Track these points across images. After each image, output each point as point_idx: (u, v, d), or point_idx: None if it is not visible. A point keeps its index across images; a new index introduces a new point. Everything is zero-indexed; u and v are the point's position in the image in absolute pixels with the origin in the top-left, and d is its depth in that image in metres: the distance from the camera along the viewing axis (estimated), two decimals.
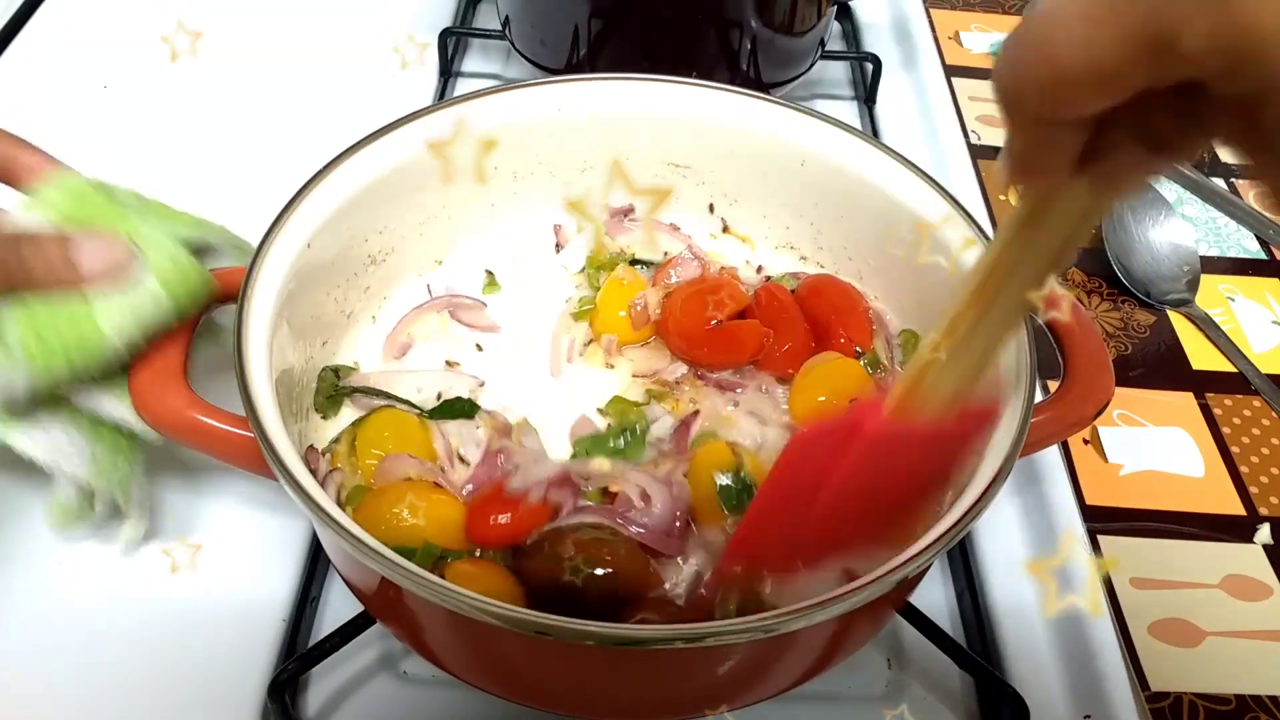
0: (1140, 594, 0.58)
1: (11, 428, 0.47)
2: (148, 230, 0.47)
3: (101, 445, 0.50)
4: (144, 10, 0.93)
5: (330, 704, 0.51)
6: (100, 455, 0.49)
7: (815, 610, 0.37)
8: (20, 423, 0.47)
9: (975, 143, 0.90)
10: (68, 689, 0.50)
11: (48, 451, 0.48)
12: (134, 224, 0.47)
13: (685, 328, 0.58)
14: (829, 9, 0.83)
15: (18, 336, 0.44)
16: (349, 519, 0.40)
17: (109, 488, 0.50)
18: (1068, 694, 0.52)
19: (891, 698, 0.53)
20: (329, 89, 0.86)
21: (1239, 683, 0.55)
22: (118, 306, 0.45)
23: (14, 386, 0.44)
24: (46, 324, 0.44)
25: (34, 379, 0.45)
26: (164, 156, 0.76)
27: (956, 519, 0.40)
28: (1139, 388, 0.70)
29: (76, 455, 0.48)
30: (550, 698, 0.46)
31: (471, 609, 0.37)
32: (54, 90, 0.85)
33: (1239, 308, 0.76)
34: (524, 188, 0.63)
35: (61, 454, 0.48)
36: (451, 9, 0.95)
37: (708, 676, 0.44)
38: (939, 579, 0.58)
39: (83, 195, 0.47)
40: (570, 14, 0.78)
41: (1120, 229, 0.78)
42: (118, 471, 0.50)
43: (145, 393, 0.47)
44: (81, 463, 0.48)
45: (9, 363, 0.44)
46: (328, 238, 0.53)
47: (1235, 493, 0.64)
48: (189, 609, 0.53)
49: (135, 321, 0.46)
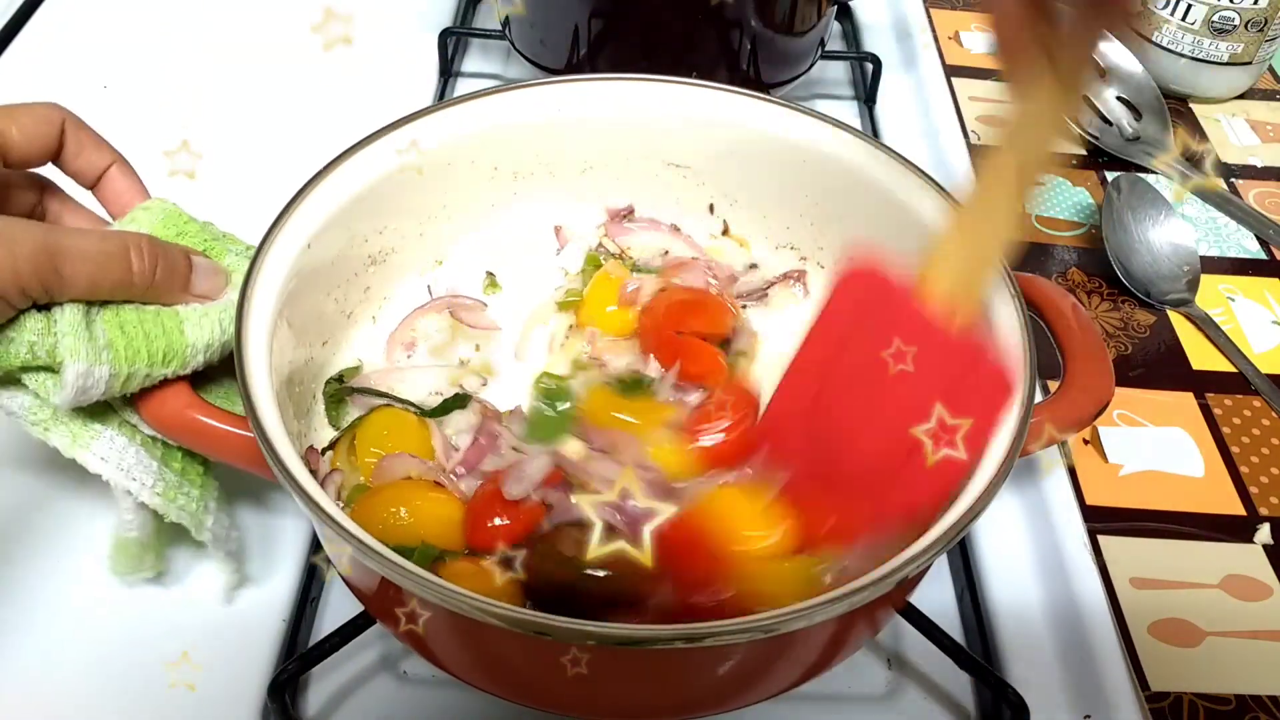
0: (1140, 594, 0.58)
1: (80, 444, 0.47)
2: (231, 259, 0.51)
3: (171, 470, 0.50)
4: (144, 10, 0.93)
5: (330, 704, 0.51)
6: (169, 478, 0.49)
7: (815, 610, 0.37)
8: (90, 439, 0.47)
9: (975, 143, 0.90)
10: (68, 689, 0.50)
11: (115, 469, 0.47)
12: (221, 250, 0.50)
13: (658, 324, 0.57)
14: (829, 9, 0.83)
15: (106, 335, 0.44)
16: (349, 519, 0.40)
17: (177, 516, 0.49)
18: (1068, 694, 0.52)
19: (891, 698, 0.53)
20: (329, 89, 0.86)
21: (1239, 683, 0.55)
22: (208, 320, 0.47)
23: (94, 386, 0.44)
24: (135, 327, 0.45)
25: (114, 380, 0.45)
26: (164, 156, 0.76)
27: (956, 519, 0.41)
28: (1139, 388, 0.70)
29: (145, 475, 0.48)
30: (550, 698, 0.46)
31: (471, 609, 0.37)
32: (54, 90, 0.85)
33: (1239, 308, 0.76)
34: (524, 188, 0.63)
35: (128, 473, 0.47)
36: (451, 9, 0.95)
37: (708, 676, 0.44)
38: (939, 579, 0.58)
39: (173, 219, 0.50)
40: (570, 14, 0.78)
41: (1120, 229, 0.78)
42: (189, 500, 0.50)
43: (145, 392, 0.47)
44: (148, 483, 0.48)
45: (95, 360, 0.44)
46: (328, 238, 0.53)
47: (1235, 493, 0.64)
48: (190, 609, 0.53)
49: (221, 336, 0.48)
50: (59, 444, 0.47)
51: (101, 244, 0.44)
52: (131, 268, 0.45)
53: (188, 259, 0.48)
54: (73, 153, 0.49)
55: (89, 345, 0.43)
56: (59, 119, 0.49)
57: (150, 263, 0.46)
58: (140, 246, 0.45)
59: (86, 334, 0.44)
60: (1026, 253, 0.79)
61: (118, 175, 0.50)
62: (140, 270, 0.45)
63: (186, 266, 0.48)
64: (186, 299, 0.48)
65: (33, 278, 0.41)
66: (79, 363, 0.43)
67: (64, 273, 0.42)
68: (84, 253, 0.43)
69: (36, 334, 0.43)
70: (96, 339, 0.44)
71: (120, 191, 0.50)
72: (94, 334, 0.44)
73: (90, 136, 0.50)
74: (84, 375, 0.43)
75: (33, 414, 0.47)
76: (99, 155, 0.50)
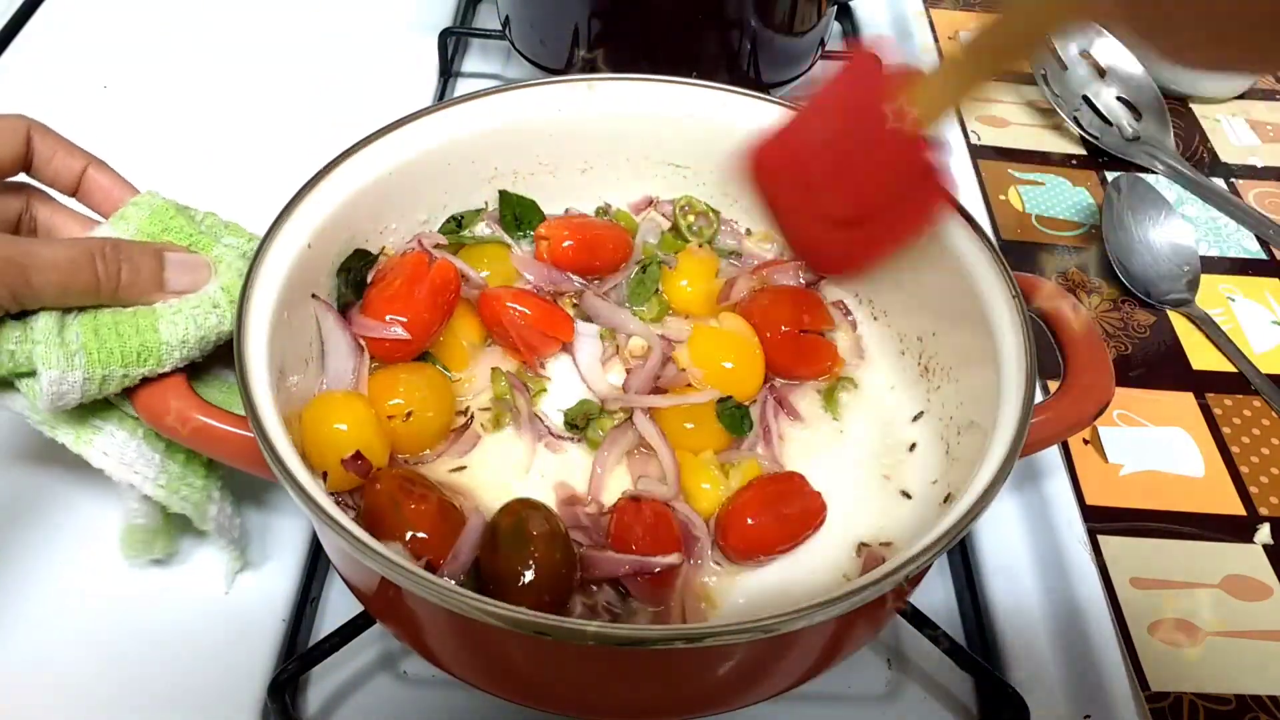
0: (1140, 594, 0.58)
1: (83, 441, 0.47)
2: (220, 249, 0.50)
3: (174, 462, 0.50)
4: (144, 10, 0.93)
5: (330, 704, 0.51)
6: (172, 471, 0.49)
7: (815, 610, 0.37)
8: (92, 435, 0.48)
9: (975, 143, 0.90)
10: (68, 688, 0.50)
11: (118, 463, 0.48)
12: (208, 243, 0.50)
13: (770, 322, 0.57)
14: (829, 9, 0.83)
15: (79, 340, 0.44)
16: (348, 519, 0.40)
17: (181, 506, 0.49)
18: (1068, 694, 0.52)
19: (891, 698, 0.53)
20: (329, 89, 0.86)
21: (1239, 683, 0.55)
22: (181, 316, 0.47)
23: (69, 391, 0.44)
24: (109, 327, 0.45)
25: (89, 384, 0.45)
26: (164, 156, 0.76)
27: (957, 519, 0.41)
28: (1139, 388, 0.70)
29: (147, 468, 0.48)
30: (550, 698, 0.46)
31: (471, 609, 0.37)
32: (54, 90, 0.85)
33: (1239, 308, 0.76)
34: (524, 187, 0.63)
35: (131, 466, 0.48)
36: (451, 9, 0.95)
37: (708, 676, 0.44)
38: (939, 579, 0.58)
39: (162, 214, 0.49)
40: (570, 14, 0.78)
41: (1120, 229, 0.78)
42: (191, 490, 0.50)
43: (146, 392, 0.47)
44: (150, 476, 0.48)
45: (66, 365, 0.44)
46: (328, 237, 0.53)
47: (1235, 493, 0.64)
48: (190, 609, 0.53)
49: (195, 331, 0.47)
50: (64, 440, 0.47)
51: (67, 251, 0.44)
52: (97, 273, 0.45)
53: (158, 257, 0.47)
54: (44, 159, 0.49)
55: (60, 352, 0.44)
56: (24, 127, 0.48)
57: (113, 267, 0.45)
58: (104, 252, 0.45)
59: (59, 340, 0.44)
60: (1026, 253, 0.80)
61: (97, 176, 0.50)
62: (105, 274, 0.45)
63: (156, 265, 0.47)
64: (164, 296, 0.47)
65: (2, 289, 0.42)
66: (51, 370, 0.43)
67: (34, 283, 0.43)
68: (52, 262, 0.43)
69: (15, 342, 0.44)
70: (69, 344, 0.44)
71: (105, 189, 0.50)
72: (66, 340, 0.44)
73: (60, 141, 0.50)
74: (57, 381, 0.44)
75: (35, 414, 0.47)
76: (71, 159, 0.50)
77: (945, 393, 0.54)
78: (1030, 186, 0.86)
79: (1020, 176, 0.86)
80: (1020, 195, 0.85)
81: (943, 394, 0.55)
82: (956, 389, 0.53)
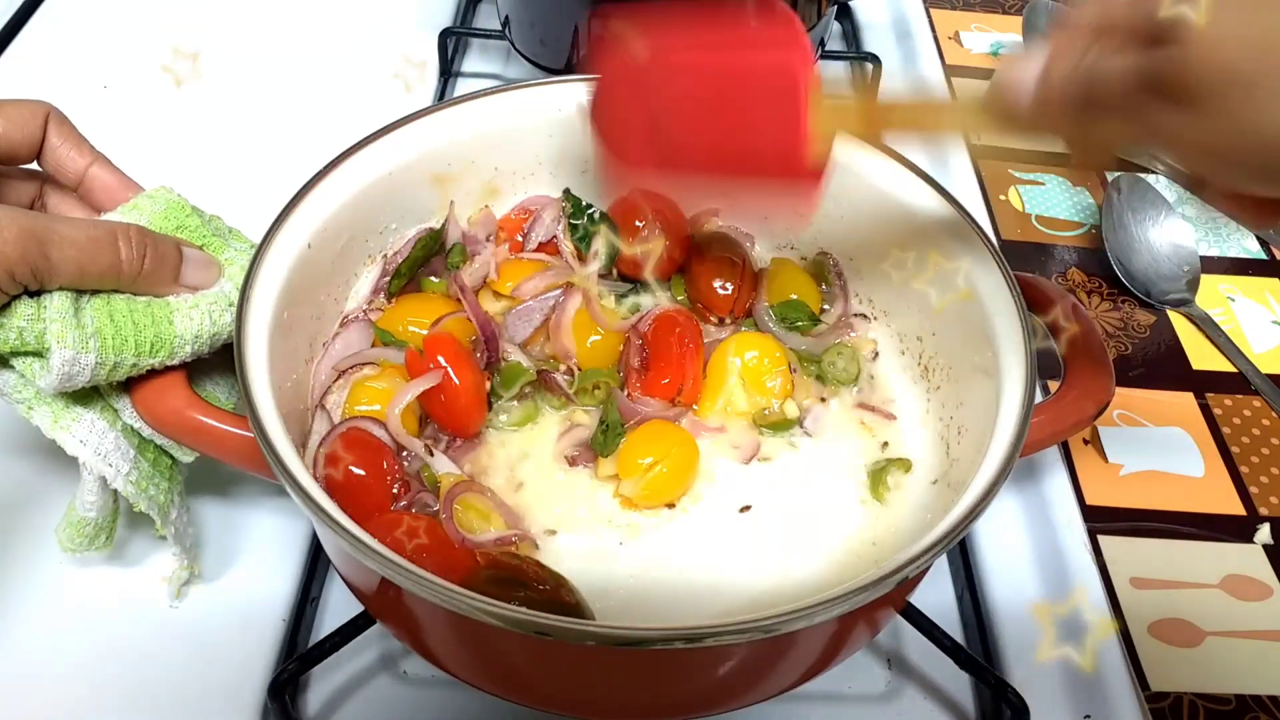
0: (1140, 594, 0.58)
1: (60, 426, 0.47)
2: (231, 253, 0.50)
3: (144, 460, 0.50)
4: (144, 10, 0.93)
5: (330, 704, 0.51)
6: (143, 469, 0.49)
7: (815, 610, 0.37)
8: (71, 422, 0.47)
9: (975, 143, 0.90)
10: (69, 689, 0.50)
11: (94, 453, 0.47)
12: (219, 245, 0.50)
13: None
14: (829, 9, 0.83)
15: (94, 323, 0.44)
16: (348, 519, 0.40)
17: (146, 506, 0.49)
18: (1068, 694, 0.52)
19: (891, 698, 0.53)
20: (329, 89, 0.86)
21: (1239, 683, 0.55)
22: (197, 311, 0.47)
23: (79, 373, 0.44)
24: (125, 316, 0.45)
25: (100, 368, 0.45)
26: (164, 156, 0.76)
27: (957, 519, 0.41)
28: (1139, 388, 0.70)
29: (122, 462, 0.48)
30: (550, 698, 0.46)
31: (471, 609, 0.37)
32: (54, 90, 0.84)
33: (1239, 308, 0.76)
34: (524, 187, 0.63)
35: (105, 458, 0.47)
36: (451, 9, 0.95)
37: (708, 677, 0.44)
38: (939, 579, 0.58)
39: (177, 210, 0.49)
40: (570, 14, 0.78)
41: (1120, 229, 0.78)
42: (158, 491, 0.50)
43: (146, 392, 0.47)
44: (123, 470, 0.48)
45: (81, 347, 0.44)
46: (328, 238, 0.53)
47: (1235, 493, 0.64)
48: (189, 609, 0.53)
49: (210, 328, 0.48)
50: (41, 423, 0.47)
51: (90, 231, 0.44)
52: (120, 255, 0.45)
53: (179, 250, 0.48)
54: (54, 146, 0.49)
55: (76, 332, 0.43)
56: (43, 113, 0.49)
57: (139, 251, 0.45)
58: (129, 235, 0.45)
59: (75, 321, 0.44)
60: (1026, 253, 0.79)
61: (101, 173, 0.50)
62: (129, 258, 0.45)
63: (177, 257, 0.47)
64: (177, 290, 0.48)
65: (21, 263, 0.41)
66: (65, 349, 0.43)
67: (52, 258, 0.42)
68: (72, 239, 0.43)
69: (26, 319, 0.43)
70: (85, 326, 0.44)
71: (110, 187, 0.50)
72: (82, 321, 0.44)
73: (73, 133, 0.50)
74: (70, 362, 0.43)
75: (17, 392, 0.47)
76: (79, 153, 0.50)
77: (945, 393, 0.54)
78: (1030, 186, 0.85)
79: (1020, 176, 0.86)
80: (1020, 195, 0.85)
81: (943, 394, 0.55)
82: (956, 389, 0.53)
